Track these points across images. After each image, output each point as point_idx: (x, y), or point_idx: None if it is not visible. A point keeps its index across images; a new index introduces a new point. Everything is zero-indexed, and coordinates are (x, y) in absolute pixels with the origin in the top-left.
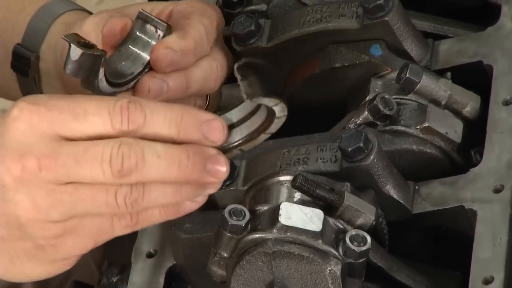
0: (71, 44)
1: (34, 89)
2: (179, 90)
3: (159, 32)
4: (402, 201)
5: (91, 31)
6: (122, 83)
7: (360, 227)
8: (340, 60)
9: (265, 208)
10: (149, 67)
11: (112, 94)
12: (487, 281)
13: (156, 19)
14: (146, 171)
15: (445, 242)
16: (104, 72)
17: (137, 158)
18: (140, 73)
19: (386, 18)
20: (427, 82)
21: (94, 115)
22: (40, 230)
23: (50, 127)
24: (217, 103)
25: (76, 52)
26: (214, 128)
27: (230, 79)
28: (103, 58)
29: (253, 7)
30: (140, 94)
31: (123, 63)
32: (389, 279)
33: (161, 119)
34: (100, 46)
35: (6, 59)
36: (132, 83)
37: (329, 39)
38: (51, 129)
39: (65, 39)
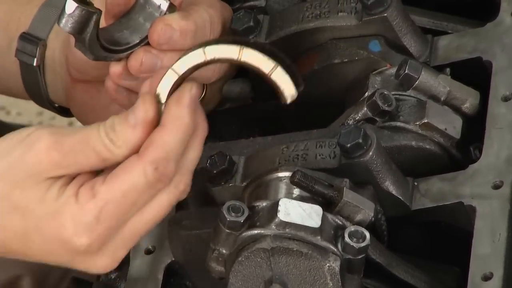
0: None
1: (38, 78)
2: None
3: (161, 8)
4: (401, 197)
5: (97, 1)
6: (116, 51)
7: (359, 223)
8: (339, 56)
9: (264, 204)
10: (146, 41)
11: (103, 58)
12: (487, 277)
13: None
14: None
15: (444, 238)
16: (97, 34)
17: None
18: (136, 45)
19: (385, 14)
20: (426, 78)
21: None
22: None
23: None
24: (216, 101)
25: (71, 5)
26: None
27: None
28: (97, 17)
29: (251, 3)
30: (132, 66)
31: (122, 32)
32: (388, 275)
33: None
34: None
35: (9, 50)
36: (126, 54)
37: (327, 35)
38: None
39: None
